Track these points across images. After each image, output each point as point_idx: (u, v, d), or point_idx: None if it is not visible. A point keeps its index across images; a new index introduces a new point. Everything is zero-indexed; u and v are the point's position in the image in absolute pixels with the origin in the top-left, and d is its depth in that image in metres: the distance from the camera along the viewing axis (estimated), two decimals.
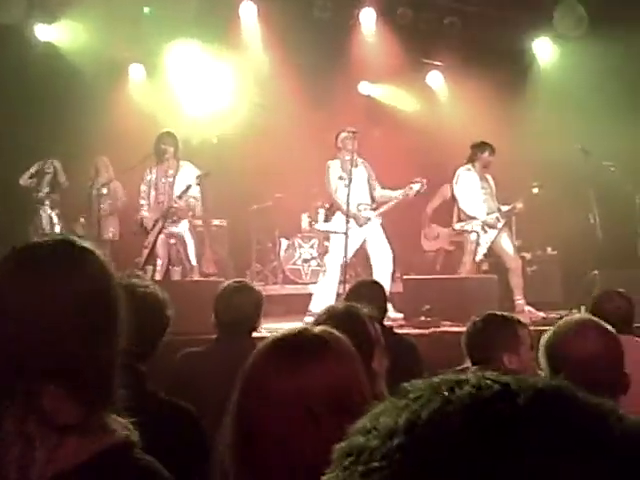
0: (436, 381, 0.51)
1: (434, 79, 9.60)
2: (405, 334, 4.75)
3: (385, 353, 2.12)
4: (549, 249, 8.46)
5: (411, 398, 0.49)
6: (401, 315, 6.45)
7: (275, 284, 8.45)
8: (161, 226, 6.95)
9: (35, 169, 8.10)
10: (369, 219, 6.85)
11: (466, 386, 0.49)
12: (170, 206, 7.00)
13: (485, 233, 7.10)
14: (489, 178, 7.29)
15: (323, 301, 6.65)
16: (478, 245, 7.11)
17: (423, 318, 6.07)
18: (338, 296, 6.67)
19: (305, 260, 8.51)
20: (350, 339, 1.32)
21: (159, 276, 7.09)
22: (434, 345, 5.21)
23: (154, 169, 7.19)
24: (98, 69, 7.99)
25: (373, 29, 8.73)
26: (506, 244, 7.17)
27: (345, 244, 6.45)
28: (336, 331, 1.31)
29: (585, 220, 7.28)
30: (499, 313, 2.92)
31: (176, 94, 8.97)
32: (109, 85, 8.63)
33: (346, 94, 9.09)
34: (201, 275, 7.53)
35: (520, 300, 7.06)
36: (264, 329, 5.54)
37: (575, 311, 6.19)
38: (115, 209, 8.16)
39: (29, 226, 8.04)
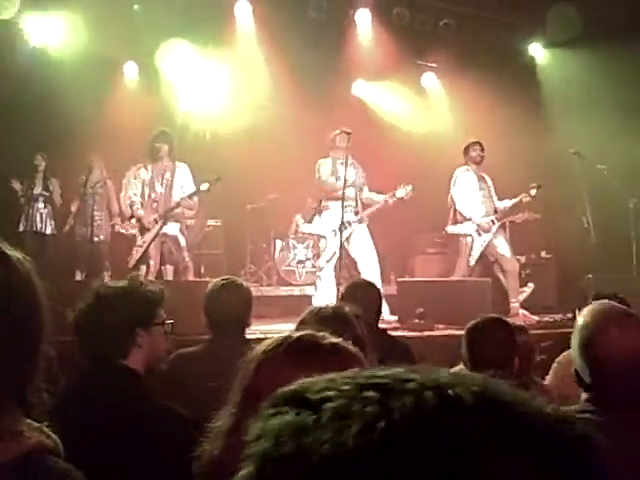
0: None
1: (429, 80, 9.60)
2: (399, 336, 4.74)
3: (374, 353, 2.10)
4: (543, 252, 8.46)
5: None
6: (395, 317, 6.44)
7: (269, 285, 8.44)
8: (160, 227, 6.93)
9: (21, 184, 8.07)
10: (349, 223, 6.81)
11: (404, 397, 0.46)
12: (171, 207, 6.97)
13: (479, 236, 7.09)
14: (487, 179, 7.29)
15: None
16: (472, 249, 7.09)
17: (417, 321, 6.06)
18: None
19: (300, 261, 8.49)
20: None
21: (152, 276, 7.05)
22: (428, 348, 5.20)
23: (149, 168, 7.14)
24: (92, 67, 7.94)
25: (368, 30, 8.72)
26: (502, 246, 7.15)
27: (339, 244, 6.47)
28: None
29: (579, 224, 7.28)
30: (499, 317, 2.92)
31: (170, 92, 8.94)
32: (103, 83, 8.59)
33: (341, 94, 9.08)
34: (196, 275, 7.51)
35: (515, 303, 7.05)
36: (258, 331, 5.54)
37: (570, 315, 6.20)
38: (107, 209, 8.12)
39: (21, 223, 8.00)
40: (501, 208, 7.18)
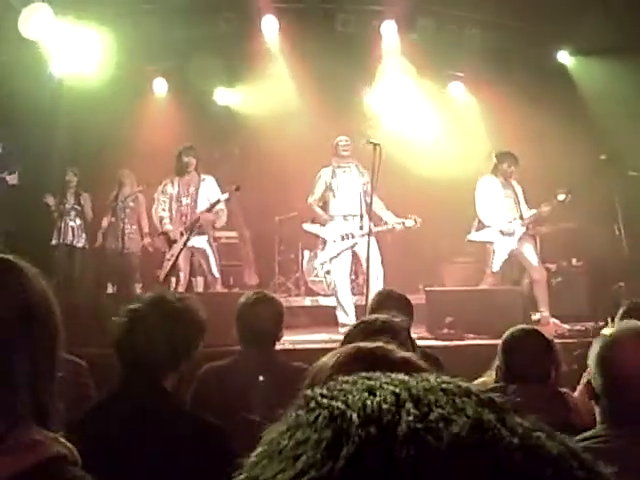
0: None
1: (456, 89, 9.58)
2: (428, 346, 4.71)
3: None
4: (574, 260, 8.35)
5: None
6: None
7: (298, 296, 8.45)
8: (186, 239, 6.99)
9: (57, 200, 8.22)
10: (352, 235, 6.77)
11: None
12: (196, 219, 7.04)
13: (503, 243, 7.02)
14: (515, 185, 7.23)
15: (349, 311, 6.69)
16: (494, 256, 7.03)
17: (446, 330, 6.02)
18: (357, 307, 6.69)
19: (327, 272, 8.49)
20: None
21: (182, 288, 7.13)
22: (457, 358, 5.16)
23: (175, 182, 7.23)
24: (122, 82, 8.08)
25: (394, 41, 8.73)
26: (530, 254, 7.07)
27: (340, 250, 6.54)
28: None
29: (611, 231, 7.19)
30: (535, 328, 2.89)
31: (200, 107, 9.05)
32: (132, 99, 8.74)
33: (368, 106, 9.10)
34: (224, 286, 7.58)
35: (545, 312, 6.97)
36: (287, 341, 5.56)
37: (602, 323, 6.11)
38: (138, 224, 8.22)
39: (53, 237, 8.14)
40: (528, 215, 7.10)
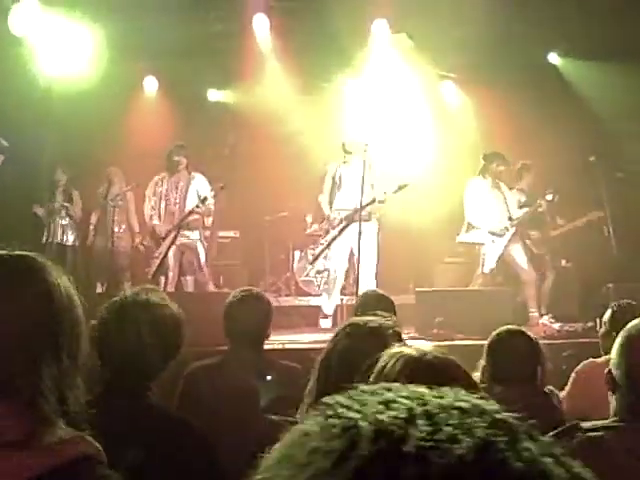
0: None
1: (448, 89, 9.58)
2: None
3: None
4: (563, 261, 8.39)
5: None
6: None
7: (288, 296, 8.45)
8: (174, 237, 6.98)
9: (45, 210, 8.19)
10: (346, 225, 6.80)
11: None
12: (184, 217, 7.04)
13: (493, 243, 7.05)
14: (502, 186, 7.26)
15: (332, 304, 6.75)
16: (485, 257, 7.06)
17: (436, 331, 6.03)
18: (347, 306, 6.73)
19: (318, 271, 8.50)
20: None
21: (171, 287, 7.11)
22: None
23: (164, 180, 7.24)
24: (112, 80, 8.05)
25: (386, 40, 8.74)
26: (519, 256, 7.11)
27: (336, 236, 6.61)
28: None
29: (600, 233, 7.23)
30: (521, 328, 2.91)
31: (190, 106, 9.03)
32: (123, 97, 8.70)
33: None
34: (214, 286, 7.56)
35: (535, 312, 7.00)
36: (277, 341, 5.55)
37: (591, 324, 6.14)
38: (127, 221, 8.19)
39: (44, 236, 8.10)
40: (516, 216, 7.14)
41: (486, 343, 2.91)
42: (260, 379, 2.94)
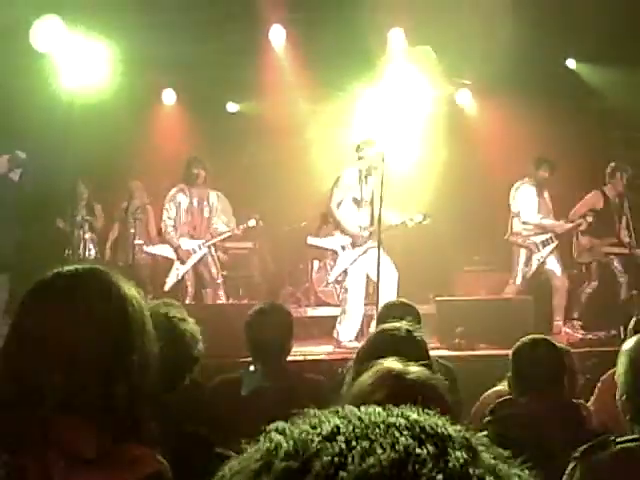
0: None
1: (464, 97, 9.55)
2: (439, 356, 4.68)
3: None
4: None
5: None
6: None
7: (308, 306, 8.43)
8: (202, 255, 7.05)
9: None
10: (366, 242, 6.60)
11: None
12: (217, 239, 7.10)
13: (538, 251, 7.01)
14: (546, 196, 7.25)
15: (350, 326, 6.58)
16: (529, 261, 7.00)
17: (457, 340, 5.99)
18: (369, 319, 6.62)
19: (337, 281, 8.47)
20: None
21: (190, 299, 7.14)
22: (469, 368, 5.12)
23: (187, 192, 7.24)
24: (131, 94, 8.12)
25: (402, 48, 8.73)
26: (555, 263, 7.07)
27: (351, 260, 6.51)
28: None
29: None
30: (546, 337, 2.87)
31: (208, 117, 9.08)
32: (142, 110, 8.78)
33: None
34: (234, 297, 7.59)
35: (559, 321, 6.93)
36: (297, 352, 5.54)
37: (614, 332, 6.06)
38: (147, 234, 8.24)
39: (65, 249, 8.16)
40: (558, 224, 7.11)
41: (510, 353, 2.87)
42: (245, 370, 2.93)
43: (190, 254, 7.13)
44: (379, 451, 0.43)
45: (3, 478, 1.06)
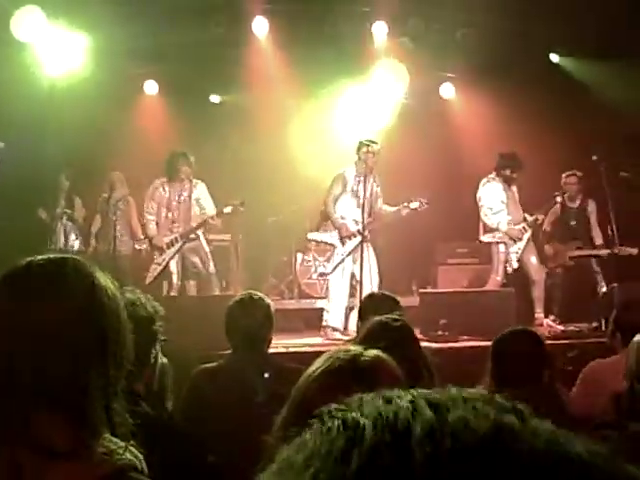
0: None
1: (447, 90, 9.55)
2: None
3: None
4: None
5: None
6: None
7: (291, 299, 8.43)
8: (180, 246, 7.00)
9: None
10: (355, 235, 6.69)
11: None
12: (194, 228, 7.05)
13: (514, 243, 7.05)
14: (514, 189, 7.27)
15: (338, 314, 6.63)
16: (509, 255, 7.04)
17: (440, 332, 6.02)
18: (349, 310, 6.67)
19: (321, 274, 8.47)
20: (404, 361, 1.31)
21: (174, 292, 7.11)
22: (451, 360, 5.15)
23: (167, 186, 7.20)
24: (113, 85, 8.05)
25: (385, 42, 8.71)
26: (532, 256, 7.11)
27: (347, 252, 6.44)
28: (387, 355, 1.30)
29: (604, 231, 7.21)
30: (527, 328, 2.89)
31: (191, 109, 9.03)
32: (124, 101, 8.70)
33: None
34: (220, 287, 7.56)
35: (540, 313, 6.99)
36: (280, 344, 5.53)
37: (595, 324, 6.12)
38: (129, 226, 8.19)
39: (47, 241, 8.09)
40: (531, 219, 7.14)
41: (491, 345, 2.89)
42: (258, 376, 2.93)
43: (169, 247, 7.11)
44: (475, 420, 0.41)
45: None
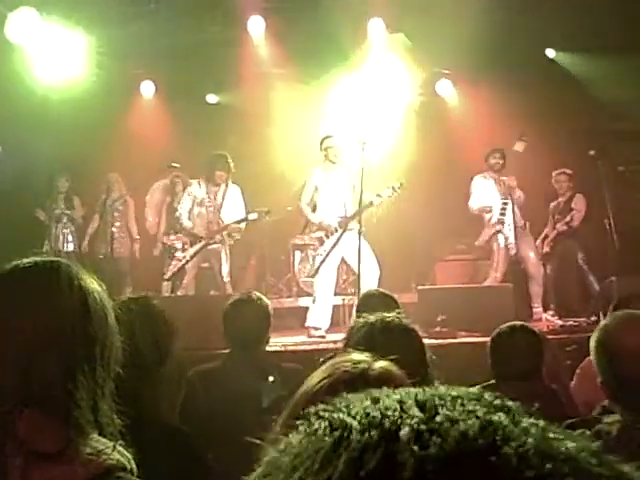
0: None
1: (444, 87, 9.55)
2: None
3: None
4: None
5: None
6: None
7: (289, 297, 8.42)
8: (203, 245, 7.01)
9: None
10: (336, 229, 6.73)
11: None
12: (219, 230, 7.07)
13: (510, 231, 7.06)
14: (505, 180, 7.27)
15: (320, 314, 6.63)
16: (509, 244, 7.05)
17: (439, 329, 6.02)
18: (337, 308, 6.71)
19: (315, 272, 8.46)
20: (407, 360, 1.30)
21: (184, 291, 7.13)
22: (450, 356, 5.15)
23: (203, 185, 7.22)
24: (109, 86, 8.04)
25: (381, 39, 8.71)
26: (530, 250, 7.12)
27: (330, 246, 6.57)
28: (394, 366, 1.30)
29: (601, 226, 7.20)
30: (524, 324, 2.89)
31: (188, 109, 9.02)
32: (120, 102, 8.70)
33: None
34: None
35: (538, 308, 6.99)
36: (278, 343, 5.53)
37: (594, 319, 6.13)
38: (127, 227, 8.18)
39: (45, 243, 8.09)
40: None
41: (489, 340, 2.89)
42: (263, 380, 2.92)
43: (192, 244, 7.14)
44: (463, 418, 0.41)
45: None
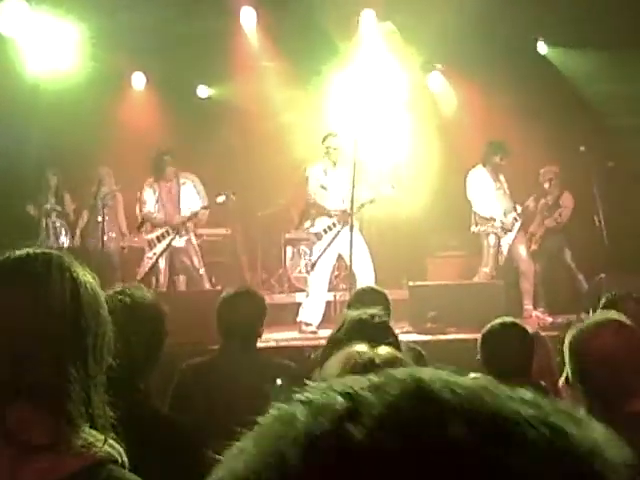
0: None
1: (435, 81, 9.53)
2: (411, 341, 4.71)
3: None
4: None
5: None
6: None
7: (281, 293, 8.41)
8: (171, 239, 7.00)
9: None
10: (334, 224, 6.74)
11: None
12: (182, 222, 7.04)
13: (505, 234, 7.05)
14: (502, 178, 7.28)
15: (313, 310, 6.63)
16: (500, 247, 7.04)
17: (429, 325, 6.03)
18: (328, 304, 6.70)
19: (311, 267, 8.46)
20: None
21: (164, 287, 7.09)
22: (440, 352, 5.16)
23: (155, 185, 7.22)
24: (99, 78, 7.99)
25: (373, 31, 8.69)
26: (521, 247, 7.12)
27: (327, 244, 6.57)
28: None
29: (591, 223, 7.24)
30: (515, 321, 2.89)
31: (179, 102, 8.99)
32: (111, 94, 8.64)
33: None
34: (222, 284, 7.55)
35: (529, 305, 7.00)
36: (271, 339, 5.53)
37: (584, 315, 6.14)
38: (117, 221, 8.16)
39: (36, 238, 8.04)
40: (519, 210, 7.16)
41: (479, 336, 2.90)
42: (256, 375, 2.92)
43: (160, 240, 7.11)
44: (389, 383, 0.41)
45: None
